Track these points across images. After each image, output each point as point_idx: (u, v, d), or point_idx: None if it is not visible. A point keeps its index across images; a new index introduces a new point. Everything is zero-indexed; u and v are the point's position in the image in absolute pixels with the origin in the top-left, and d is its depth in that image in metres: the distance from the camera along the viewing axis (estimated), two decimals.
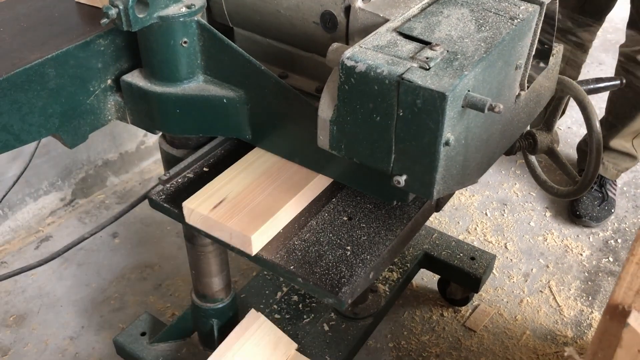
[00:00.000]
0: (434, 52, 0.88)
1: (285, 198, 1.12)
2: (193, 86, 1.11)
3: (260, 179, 1.16)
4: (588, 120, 1.25)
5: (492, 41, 0.92)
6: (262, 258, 1.08)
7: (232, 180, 1.17)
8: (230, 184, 1.16)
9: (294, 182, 1.15)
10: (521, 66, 1.03)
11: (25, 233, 2.13)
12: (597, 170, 1.27)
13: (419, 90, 0.83)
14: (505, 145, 1.14)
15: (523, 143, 1.37)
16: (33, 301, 1.92)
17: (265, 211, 1.10)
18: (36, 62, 0.99)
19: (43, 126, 1.05)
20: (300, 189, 1.14)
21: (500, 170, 2.41)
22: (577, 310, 1.88)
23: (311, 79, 1.17)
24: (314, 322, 1.57)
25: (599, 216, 2.15)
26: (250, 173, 1.18)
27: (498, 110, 0.83)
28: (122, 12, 0.98)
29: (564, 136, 2.59)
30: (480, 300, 1.90)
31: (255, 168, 1.19)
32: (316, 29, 1.07)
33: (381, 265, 1.08)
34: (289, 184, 1.15)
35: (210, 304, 1.42)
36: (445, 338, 1.79)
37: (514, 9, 0.99)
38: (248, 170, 1.19)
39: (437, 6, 1.01)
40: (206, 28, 1.06)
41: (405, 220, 1.13)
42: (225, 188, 1.15)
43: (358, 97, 0.90)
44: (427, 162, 0.88)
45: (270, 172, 1.18)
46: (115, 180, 2.36)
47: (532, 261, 2.04)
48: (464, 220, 2.19)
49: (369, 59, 0.87)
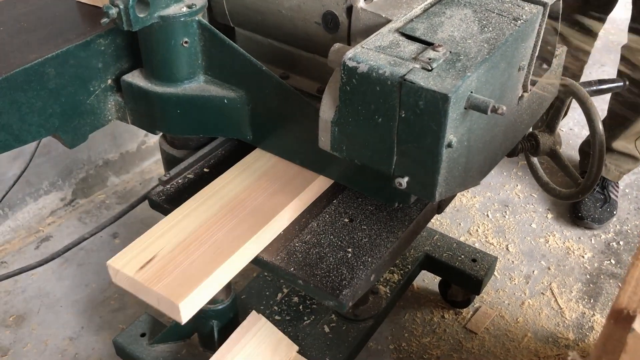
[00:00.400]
0: (437, 53, 0.88)
1: (218, 260, 0.99)
2: (194, 86, 1.10)
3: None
4: (591, 121, 1.24)
5: (495, 42, 0.91)
6: (262, 260, 1.07)
7: (171, 231, 1.04)
8: (168, 236, 1.03)
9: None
10: (524, 67, 1.02)
11: (25, 233, 2.13)
12: (600, 172, 1.27)
13: (421, 92, 0.82)
14: (508, 147, 1.14)
15: (525, 145, 1.36)
16: (33, 301, 1.91)
17: (201, 270, 0.96)
18: (36, 62, 0.99)
19: (43, 126, 1.05)
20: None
21: (502, 171, 2.40)
22: (578, 312, 1.87)
23: (312, 79, 1.16)
24: (315, 323, 1.56)
25: (601, 218, 2.14)
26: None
27: (501, 112, 0.83)
28: (122, 11, 0.98)
29: (566, 138, 2.58)
30: (482, 302, 1.89)
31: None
32: (318, 30, 1.06)
33: (382, 267, 1.08)
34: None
35: (210, 305, 1.41)
36: (446, 340, 1.78)
37: (517, 10, 0.99)
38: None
39: (439, 7, 1.00)
40: (207, 28, 1.05)
41: (407, 222, 1.13)
42: (158, 242, 1.02)
43: (360, 98, 0.89)
44: (429, 164, 0.88)
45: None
46: (115, 180, 2.36)
47: (533, 263, 2.03)
48: (465, 222, 2.18)
49: (371, 59, 0.87)
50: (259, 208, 1.11)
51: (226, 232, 1.06)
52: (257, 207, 1.11)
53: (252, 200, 1.12)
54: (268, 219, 1.08)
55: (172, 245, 1.02)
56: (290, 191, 1.13)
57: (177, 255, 1.00)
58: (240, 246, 1.03)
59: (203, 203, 1.11)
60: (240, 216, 1.09)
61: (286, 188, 1.14)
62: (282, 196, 1.12)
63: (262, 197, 1.13)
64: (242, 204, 1.11)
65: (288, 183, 1.15)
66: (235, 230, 1.06)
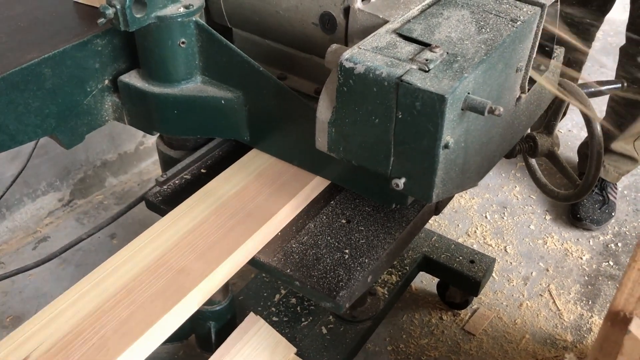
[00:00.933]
0: (434, 54, 0.87)
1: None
2: (191, 87, 1.10)
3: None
4: (589, 123, 1.24)
5: (493, 43, 0.91)
6: (259, 261, 1.07)
7: (53, 322, 0.89)
8: (49, 329, 0.88)
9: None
10: (522, 69, 1.02)
11: (23, 233, 2.13)
12: (598, 173, 1.26)
13: (418, 93, 0.82)
14: (506, 148, 1.13)
15: (523, 146, 1.36)
16: (30, 302, 1.91)
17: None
18: (33, 62, 0.98)
19: (39, 126, 1.04)
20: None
21: (500, 173, 2.40)
22: (576, 314, 1.87)
23: (310, 80, 1.16)
24: (312, 325, 1.56)
25: (599, 219, 2.14)
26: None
27: (498, 113, 0.83)
28: (119, 11, 0.97)
29: (565, 139, 2.58)
30: (480, 303, 1.89)
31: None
32: (315, 30, 1.06)
33: (379, 268, 1.08)
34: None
35: (207, 306, 1.41)
36: (445, 342, 1.78)
37: (514, 11, 0.98)
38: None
39: (437, 7, 1.00)
40: (204, 28, 1.05)
41: (404, 223, 1.12)
42: (33, 340, 0.86)
43: (357, 99, 0.89)
44: (426, 165, 0.88)
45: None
46: (113, 181, 2.35)
47: (532, 264, 2.03)
48: (463, 223, 2.18)
49: (368, 60, 0.87)
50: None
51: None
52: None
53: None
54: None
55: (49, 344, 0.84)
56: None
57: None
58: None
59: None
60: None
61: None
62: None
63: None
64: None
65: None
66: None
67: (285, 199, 1.12)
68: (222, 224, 1.08)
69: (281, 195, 1.12)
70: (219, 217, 1.09)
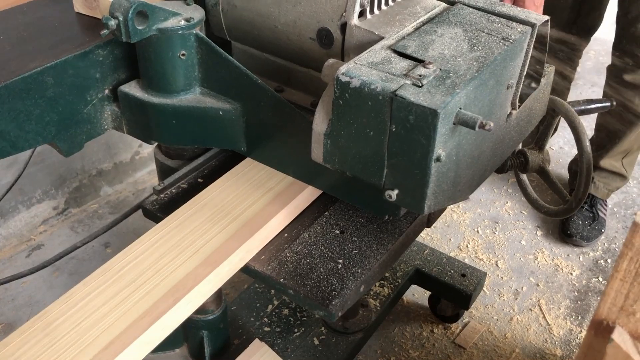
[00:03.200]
0: (427, 70, 0.90)
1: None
2: (190, 98, 1.12)
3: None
4: (578, 140, 1.27)
5: (484, 60, 0.93)
6: (253, 270, 1.08)
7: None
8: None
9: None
10: (513, 86, 1.04)
11: (16, 241, 2.13)
12: (587, 190, 1.29)
13: (412, 107, 0.85)
14: (497, 163, 1.16)
15: (514, 162, 1.39)
16: (22, 309, 1.91)
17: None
18: (35, 71, 1.00)
19: (40, 134, 1.06)
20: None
21: (492, 188, 2.43)
22: (566, 329, 1.89)
23: (307, 93, 1.19)
24: (304, 336, 1.57)
25: (589, 236, 2.17)
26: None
27: (489, 127, 0.85)
28: (121, 23, 0.99)
29: (556, 156, 2.62)
30: (471, 317, 1.90)
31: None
32: (312, 45, 1.09)
33: (372, 278, 1.09)
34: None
35: (200, 316, 1.42)
36: (435, 354, 1.79)
37: (506, 30, 1.01)
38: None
39: (431, 25, 1.03)
40: (204, 41, 1.07)
41: (397, 234, 1.14)
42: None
43: (352, 112, 0.91)
44: (418, 177, 0.90)
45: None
46: (108, 190, 2.36)
47: (522, 279, 2.05)
48: (455, 237, 2.20)
49: (363, 75, 0.89)
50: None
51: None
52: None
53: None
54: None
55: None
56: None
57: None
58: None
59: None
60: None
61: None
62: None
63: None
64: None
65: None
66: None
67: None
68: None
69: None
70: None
